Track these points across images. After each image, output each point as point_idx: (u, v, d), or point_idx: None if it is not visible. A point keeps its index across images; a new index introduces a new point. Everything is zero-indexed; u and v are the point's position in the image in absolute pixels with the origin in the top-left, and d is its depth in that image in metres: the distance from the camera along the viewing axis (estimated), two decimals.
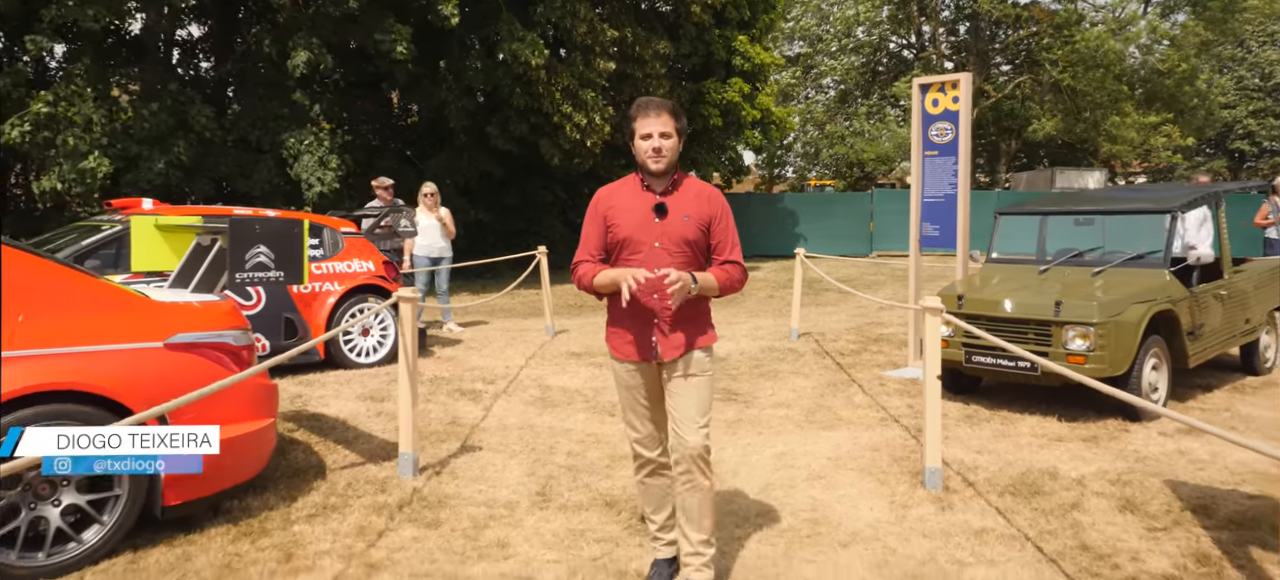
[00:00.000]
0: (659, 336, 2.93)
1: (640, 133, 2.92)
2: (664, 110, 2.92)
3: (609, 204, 3.01)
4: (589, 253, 3.02)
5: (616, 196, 3.02)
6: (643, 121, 2.91)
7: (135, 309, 3.60)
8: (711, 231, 2.97)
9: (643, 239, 2.91)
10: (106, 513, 3.30)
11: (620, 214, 2.96)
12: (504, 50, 13.85)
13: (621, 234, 2.93)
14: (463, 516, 3.86)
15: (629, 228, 2.92)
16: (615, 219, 2.96)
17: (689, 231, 2.92)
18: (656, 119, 2.89)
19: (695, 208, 2.95)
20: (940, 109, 7.49)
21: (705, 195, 3.00)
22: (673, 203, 2.94)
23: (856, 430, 5.38)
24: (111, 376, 3.31)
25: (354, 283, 7.45)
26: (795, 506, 4.00)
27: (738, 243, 3.02)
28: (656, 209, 2.92)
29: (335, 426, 5.37)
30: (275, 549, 3.45)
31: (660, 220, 2.91)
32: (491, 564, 3.36)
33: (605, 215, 2.99)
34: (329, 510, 3.90)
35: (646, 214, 2.92)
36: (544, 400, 6.21)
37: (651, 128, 2.89)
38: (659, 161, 2.90)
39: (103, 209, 7.50)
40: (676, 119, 2.94)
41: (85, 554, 3.23)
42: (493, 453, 4.87)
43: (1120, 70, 29.75)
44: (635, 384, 3.01)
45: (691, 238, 2.92)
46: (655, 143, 2.88)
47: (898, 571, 3.28)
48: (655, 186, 2.96)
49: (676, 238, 2.90)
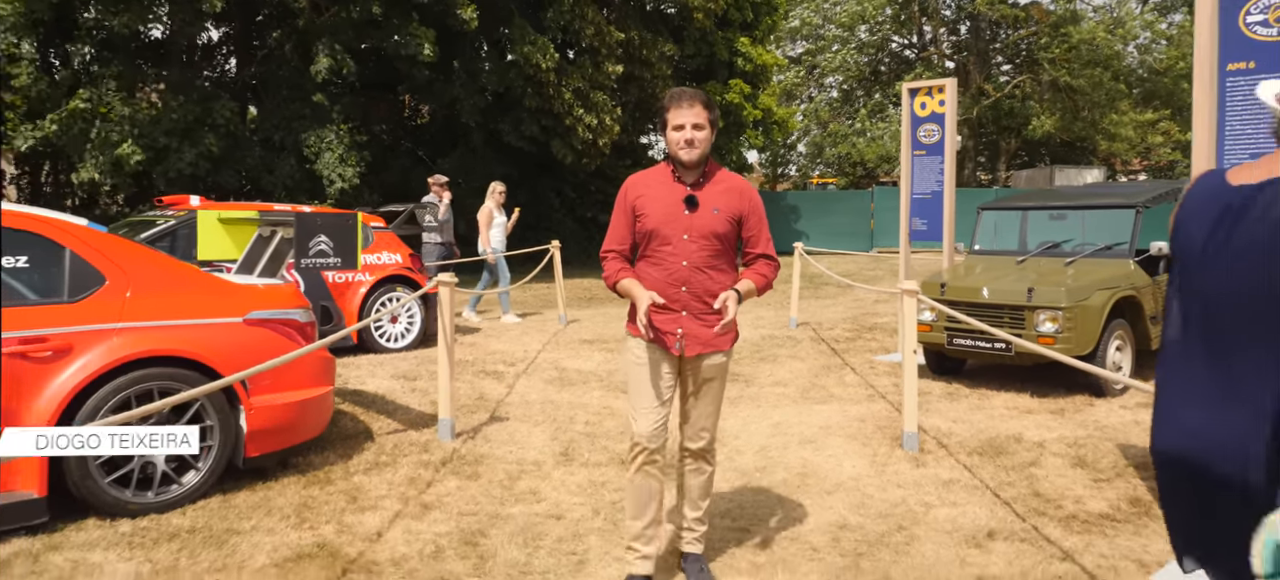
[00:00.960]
0: (686, 330, 2.89)
1: (673, 123, 2.87)
2: (697, 101, 2.87)
3: (638, 193, 2.95)
4: (618, 243, 2.98)
5: (646, 186, 2.96)
6: (675, 112, 2.86)
7: (218, 289, 4.18)
8: (743, 224, 2.95)
9: (671, 231, 2.87)
10: (201, 461, 3.89)
11: (649, 204, 2.91)
12: (515, 52, 14.42)
13: (650, 224, 2.88)
14: (498, 471, 4.43)
15: (657, 218, 2.87)
16: (644, 209, 2.91)
17: (718, 225, 2.88)
18: (690, 110, 2.85)
19: (726, 201, 2.92)
20: (928, 111, 8.05)
21: (737, 189, 2.97)
22: (703, 195, 2.90)
23: (846, 405, 5.95)
24: (203, 345, 3.90)
25: (383, 274, 8.02)
26: (788, 464, 4.57)
27: (769, 237, 3.02)
28: (687, 201, 2.88)
29: (376, 400, 5.96)
30: (341, 494, 4.03)
31: (690, 213, 2.87)
32: (526, 506, 3.93)
33: (634, 205, 2.94)
34: (382, 465, 4.48)
35: (676, 205, 2.88)
36: (562, 380, 6.78)
37: (684, 118, 2.84)
38: (691, 152, 2.85)
39: (155, 206, 8.09)
40: (709, 110, 2.89)
41: (185, 494, 3.82)
42: (518, 422, 5.45)
43: (1118, 69, 30.25)
44: (652, 362, 2.93)
45: (721, 231, 2.88)
46: (687, 134, 2.84)
47: (872, 512, 3.85)
48: (686, 178, 2.92)
49: (706, 230, 2.86)
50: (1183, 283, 1.73)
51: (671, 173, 2.94)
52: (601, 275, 3.07)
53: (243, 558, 3.29)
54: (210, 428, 3.89)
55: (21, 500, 3.40)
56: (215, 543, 3.42)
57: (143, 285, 3.88)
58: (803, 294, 12.42)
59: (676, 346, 2.90)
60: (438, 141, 18.59)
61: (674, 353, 2.92)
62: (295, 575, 3.15)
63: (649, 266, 2.93)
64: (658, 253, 2.89)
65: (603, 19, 15.90)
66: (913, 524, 3.70)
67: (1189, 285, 1.70)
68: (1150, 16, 31.32)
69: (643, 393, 2.94)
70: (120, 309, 3.76)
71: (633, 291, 2.86)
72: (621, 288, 2.92)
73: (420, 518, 3.76)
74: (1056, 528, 3.67)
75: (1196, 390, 1.67)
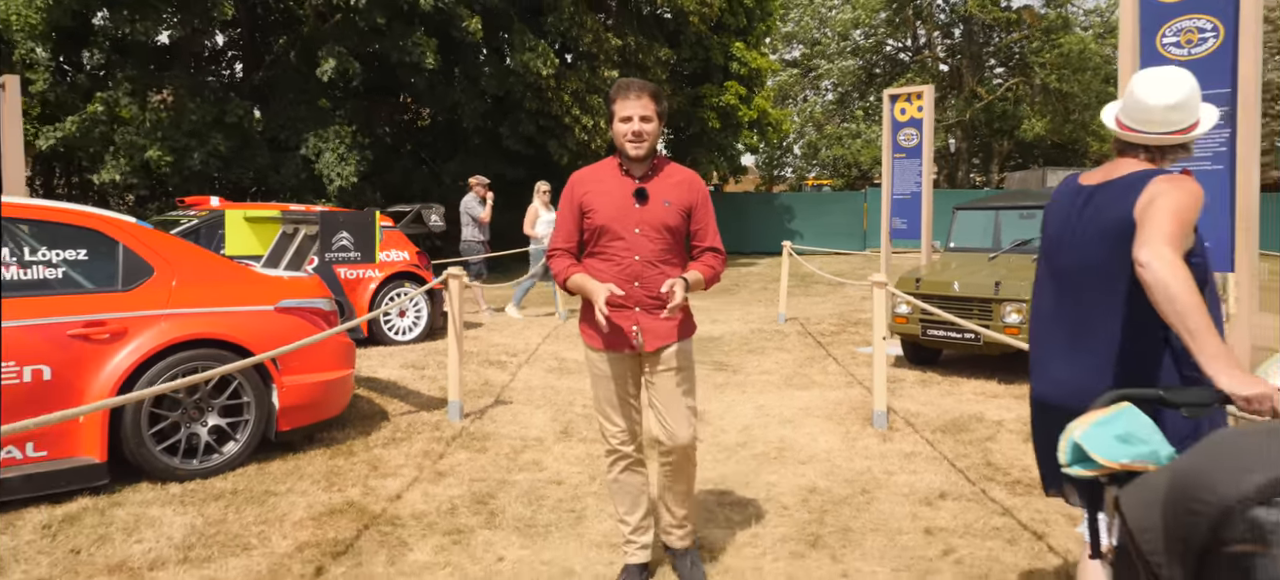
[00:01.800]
0: (642, 325, 2.82)
1: (620, 115, 2.78)
2: (645, 93, 2.78)
3: (585, 188, 2.87)
4: (565, 240, 2.89)
5: (593, 181, 2.88)
6: (622, 104, 2.78)
7: (252, 280, 4.63)
8: (692, 217, 2.89)
9: (622, 226, 2.79)
10: (239, 433, 4.34)
11: (597, 199, 2.82)
12: (516, 59, 14.88)
13: (599, 220, 2.80)
14: (503, 445, 4.89)
15: (607, 214, 2.79)
16: (592, 205, 2.82)
17: (670, 218, 2.82)
18: (636, 102, 2.76)
19: (676, 194, 2.85)
20: (907, 117, 8.52)
21: (686, 182, 2.90)
22: (653, 188, 2.83)
23: (825, 390, 6.41)
24: (240, 330, 4.35)
25: (391, 270, 8.48)
26: (767, 440, 5.02)
27: (716, 230, 2.96)
28: (637, 195, 2.80)
29: (389, 386, 6.41)
30: (364, 463, 4.48)
31: (640, 206, 2.80)
32: (529, 474, 4.38)
33: (582, 201, 2.85)
34: (398, 440, 4.94)
35: (626, 199, 2.80)
36: (561, 368, 7.24)
37: (631, 111, 2.76)
38: (639, 146, 2.77)
39: (177, 206, 8.54)
40: (657, 102, 2.80)
41: (225, 462, 4.27)
42: (521, 405, 5.90)
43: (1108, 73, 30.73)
44: (616, 374, 2.88)
45: (672, 224, 2.82)
46: (635, 126, 2.76)
47: (839, 478, 4.31)
48: (635, 171, 2.84)
49: (657, 224, 2.79)
50: (1048, 261, 2.19)
51: (619, 166, 2.85)
52: None
53: (282, 513, 3.74)
54: (247, 403, 4.35)
55: (86, 464, 3.86)
56: (256, 501, 3.88)
57: (186, 276, 4.33)
58: (794, 292, 12.90)
59: (635, 343, 2.83)
60: (438, 143, 19.05)
61: (633, 350, 2.85)
62: (329, 527, 3.60)
63: (600, 262, 2.84)
64: (609, 248, 2.81)
65: (600, 25, 16.37)
66: (875, 488, 4.15)
67: (1052, 263, 2.17)
68: None
69: (610, 403, 2.91)
70: (167, 297, 4.21)
71: (586, 286, 2.77)
72: (572, 284, 2.83)
73: (435, 483, 4.21)
74: (1002, 490, 4.13)
75: (1059, 346, 2.12)
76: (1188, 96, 2.04)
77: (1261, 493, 1.16)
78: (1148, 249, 1.78)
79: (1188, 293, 1.72)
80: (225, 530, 3.54)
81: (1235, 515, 1.16)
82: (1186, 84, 2.04)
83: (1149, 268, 1.76)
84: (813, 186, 35.78)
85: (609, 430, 2.94)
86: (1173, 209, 1.85)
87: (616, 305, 2.78)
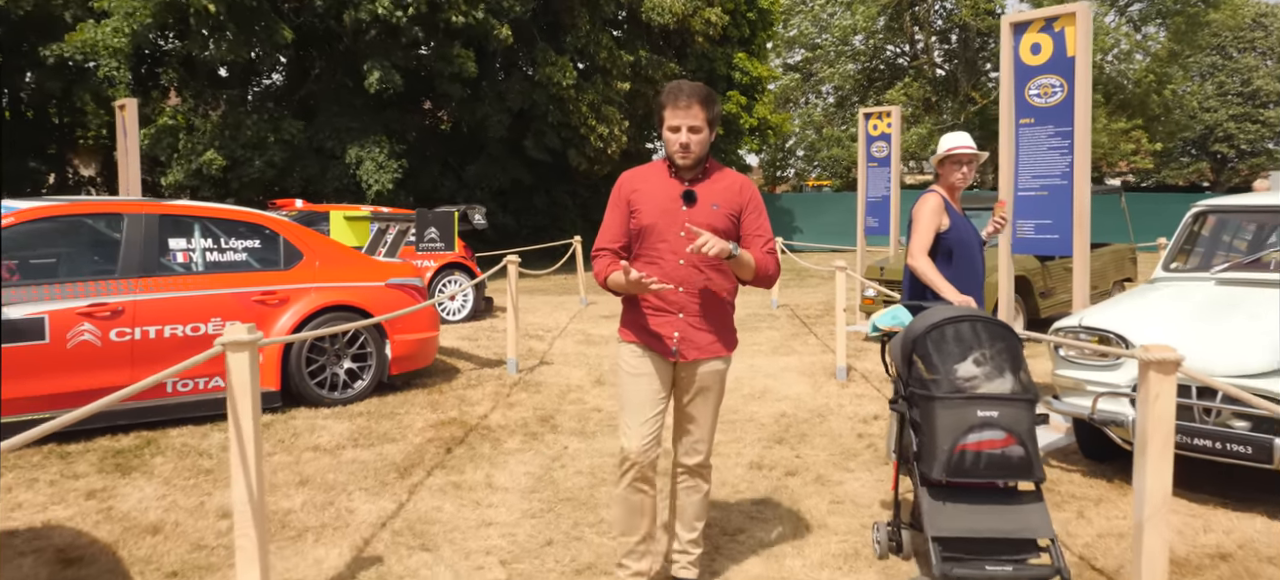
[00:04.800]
0: (683, 334, 2.79)
1: (668, 124, 2.74)
2: (695, 100, 2.71)
3: (633, 188, 2.84)
4: (611, 240, 2.85)
5: (642, 181, 2.85)
6: (671, 112, 2.72)
7: (370, 263, 6.22)
8: (743, 222, 2.83)
9: (668, 227, 2.75)
10: (365, 374, 5.94)
11: (645, 200, 2.79)
12: (540, 73, 16.49)
13: (646, 220, 2.77)
14: (552, 389, 6.47)
15: (653, 215, 2.76)
16: (639, 205, 2.79)
17: (718, 221, 2.76)
18: (686, 112, 2.70)
19: (725, 198, 2.81)
20: (878, 131, 10.08)
21: (736, 185, 2.85)
22: (702, 190, 2.80)
23: (804, 357, 7.98)
24: (364, 299, 5.94)
25: (444, 261, 10.07)
26: (754, 386, 6.59)
27: (772, 235, 2.88)
28: (685, 196, 2.77)
29: (453, 352, 8.01)
30: (453, 397, 6.07)
31: (688, 208, 2.76)
32: (576, 405, 5.96)
33: (629, 200, 2.83)
34: (473, 385, 6.53)
35: (673, 201, 2.77)
36: (588, 340, 8.82)
37: (680, 121, 2.71)
38: (686, 157, 2.75)
39: (268, 206, 10.15)
40: (708, 109, 2.74)
41: (355, 395, 5.86)
42: (561, 365, 7.48)
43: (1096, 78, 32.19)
44: (648, 373, 2.81)
45: (720, 228, 2.76)
46: (683, 138, 2.72)
47: (804, 408, 5.87)
48: (684, 174, 2.81)
49: (704, 227, 2.73)
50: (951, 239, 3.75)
51: (669, 168, 2.84)
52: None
53: (408, 423, 5.34)
54: (370, 352, 5.95)
55: (268, 392, 5.46)
56: (387, 417, 5.47)
57: (325, 260, 5.92)
58: (790, 284, 14.49)
59: (673, 353, 2.80)
60: (464, 150, 20.68)
61: (670, 357, 2.81)
62: (444, 430, 5.19)
63: (643, 266, 2.81)
64: (654, 250, 2.78)
65: (614, 42, 17.97)
66: (828, 414, 5.72)
67: (952, 237, 3.72)
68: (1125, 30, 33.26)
69: (636, 403, 2.81)
70: (313, 275, 5.81)
71: (623, 281, 2.69)
72: (612, 281, 2.79)
73: (509, 409, 5.80)
74: None
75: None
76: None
77: (928, 332, 2.76)
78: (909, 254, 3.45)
79: (930, 271, 3.37)
80: (374, 431, 5.14)
81: (917, 340, 2.77)
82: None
83: (911, 262, 3.41)
84: (813, 188, 37.30)
85: (629, 433, 2.81)
86: (915, 220, 3.51)
87: (658, 309, 2.80)
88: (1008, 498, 2.89)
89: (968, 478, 2.80)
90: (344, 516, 3.77)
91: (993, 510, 2.85)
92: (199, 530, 3.59)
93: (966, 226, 3.76)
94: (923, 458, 2.89)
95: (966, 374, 2.85)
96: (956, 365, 2.86)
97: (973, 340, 2.87)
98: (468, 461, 4.61)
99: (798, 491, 4.17)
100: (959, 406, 2.80)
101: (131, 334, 5.00)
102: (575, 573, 3.21)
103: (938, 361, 2.86)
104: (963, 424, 2.78)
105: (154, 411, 5.15)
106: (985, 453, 2.77)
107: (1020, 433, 2.77)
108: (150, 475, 4.29)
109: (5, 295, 4.64)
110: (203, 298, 5.28)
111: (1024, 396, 2.81)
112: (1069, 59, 5.09)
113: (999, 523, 2.82)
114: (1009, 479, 2.83)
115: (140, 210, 5.24)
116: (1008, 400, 2.80)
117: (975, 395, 2.81)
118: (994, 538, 2.81)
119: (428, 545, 3.46)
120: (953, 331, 2.89)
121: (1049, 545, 2.80)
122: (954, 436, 2.78)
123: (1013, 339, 2.90)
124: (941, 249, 3.72)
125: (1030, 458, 2.78)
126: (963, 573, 2.72)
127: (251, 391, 2.66)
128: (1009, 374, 2.84)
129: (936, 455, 2.81)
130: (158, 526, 3.62)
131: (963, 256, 3.72)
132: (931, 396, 2.83)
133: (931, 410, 2.83)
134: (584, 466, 4.55)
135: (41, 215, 4.93)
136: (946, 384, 2.83)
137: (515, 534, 3.59)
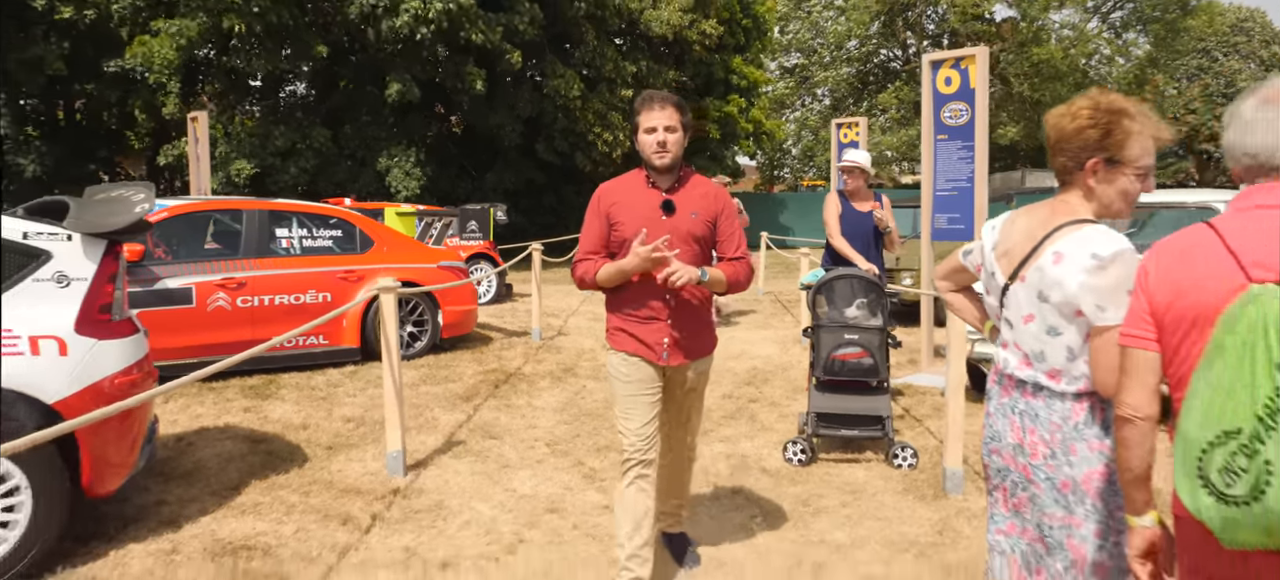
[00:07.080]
0: (670, 340, 2.86)
1: (644, 127, 2.81)
2: (668, 104, 2.81)
3: (612, 201, 2.89)
4: (591, 250, 2.89)
5: (620, 193, 2.90)
6: (647, 115, 2.81)
7: (424, 249, 7.76)
8: (717, 228, 2.91)
9: (649, 238, 2.76)
10: (423, 336, 7.49)
11: (624, 212, 2.84)
12: (549, 85, 18.03)
13: (627, 232, 2.81)
14: (571, 352, 8.01)
15: (634, 226, 2.79)
16: (619, 217, 2.84)
17: (697, 228, 2.84)
18: (661, 112, 2.79)
19: (702, 205, 2.88)
20: (849, 139, 11.59)
21: (711, 193, 2.93)
22: (680, 199, 2.85)
23: (779, 331, 9.51)
24: (422, 277, 7.48)
25: (471, 251, 11.61)
26: (732, 351, 8.12)
27: (743, 239, 2.96)
28: (664, 206, 2.83)
29: (484, 326, 9.56)
30: (492, 355, 7.62)
31: (667, 217, 2.82)
32: (592, 363, 7.49)
33: (608, 213, 2.87)
34: (506, 349, 8.07)
35: (653, 211, 2.83)
36: (598, 318, 10.37)
37: (656, 121, 2.79)
38: (663, 156, 2.79)
39: None
40: (681, 112, 2.82)
41: (416, 353, 7.41)
42: (576, 335, 9.02)
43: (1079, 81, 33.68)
44: (642, 378, 2.87)
45: (699, 234, 2.85)
46: (660, 137, 2.79)
47: (771, 364, 7.40)
48: (660, 183, 2.86)
49: (684, 235, 2.81)
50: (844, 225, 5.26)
51: (645, 179, 2.89)
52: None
53: (459, 372, 6.88)
54: (427, 319, 7.49)
55: (348, 349, 7.00)
56: (443, 368, 7.02)
57: (391, 246, 7.46)
58: (779, 276, 16.00)
59: (661, 357, 2.86)
60: (480, 155, 22.25)
61: (659, 362, 2.87)
62: (488, 376, 6.73)
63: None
64: None
65: (618, 54, 19.52)
66: (790, 367, 7.25)
67: (845, 224, 5.24)
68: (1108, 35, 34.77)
69: (630, 407, 2.88)
70: (383, 258, 7.35)
71: (617, 266, 2.79)
72: (603, 274, 2.84)
73: (538, 363, 7.34)
74: None
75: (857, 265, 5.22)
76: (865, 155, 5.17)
77: (824, 285, 4.32)
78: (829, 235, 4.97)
79: (845, 246, 4.90)
80: (437, 376, 6.69)
81: (819, 290, 4.32)
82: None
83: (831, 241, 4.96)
84: (808, 187, 38.82)
85: (628, 432, 2.87)
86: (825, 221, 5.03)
87: (646, 318, 2.87)
88: (862, 390, 4.46)
89: (837, 377, 4.37)
90: (433, 421, 5.32)
91: (852, 398, 4.43)
92: (334, 426, 5.15)
93: (856, 215, 5.31)
94: (815, 364, 4.46)
95: (852, 314, 4.40)
96: (846, 307, 4.41)
97: (854, 291, 4.43)
98: (512, 393, 6.16)
99: (755, 411, 5.72)
100: (835, 330, 4.37)
101: (252, 301, 6.55)
102: (597, 449, 4.76)
103: (830, 303, 4.41)
104: (836, 341, 4.35)
105: (278, 360, 6.68)
106: (850, 362, 4.34)
107: (872, 349, 4.34)
108: (283, 401, 5.84)
109: (161, 270, 6.19)
110: (301, 275, 6.83)
111: (878, 327, 4.37)
112: (971, 89, 6.62)
113: (853, 405, 4.39)
114: (864, 379, 4.39)
115: (254, 206, 6.78)
116: (866, 329, 4.37)
117: (847, 324, 4.37)
118: (849, 414, 4.38)
119: (494, 436, 5.01)
120: (842, 285, 4.44)
121: (884, 420, 4.37)
122: (830, 349, 4.35)
123: (880, 291, 4.45)
124: (842, 231, 5.29)
125: (877, 365, 4.35)
126: (826, 431, 4.31)
127: (395, 317, 4.20)
128: (878, 314, 4.39)
129: (820, 361, 4.37)
130: (304, 424, 5.17)
131: (856, 235, 5.26)
132: (821, 325, 4.39)
133: (820, 334, 4.39)
134: (599, 397, 6.09)
135: (183, 211, 6.48)
136: (834, 318, 4.39)
137: (554, 431, 5.14)
